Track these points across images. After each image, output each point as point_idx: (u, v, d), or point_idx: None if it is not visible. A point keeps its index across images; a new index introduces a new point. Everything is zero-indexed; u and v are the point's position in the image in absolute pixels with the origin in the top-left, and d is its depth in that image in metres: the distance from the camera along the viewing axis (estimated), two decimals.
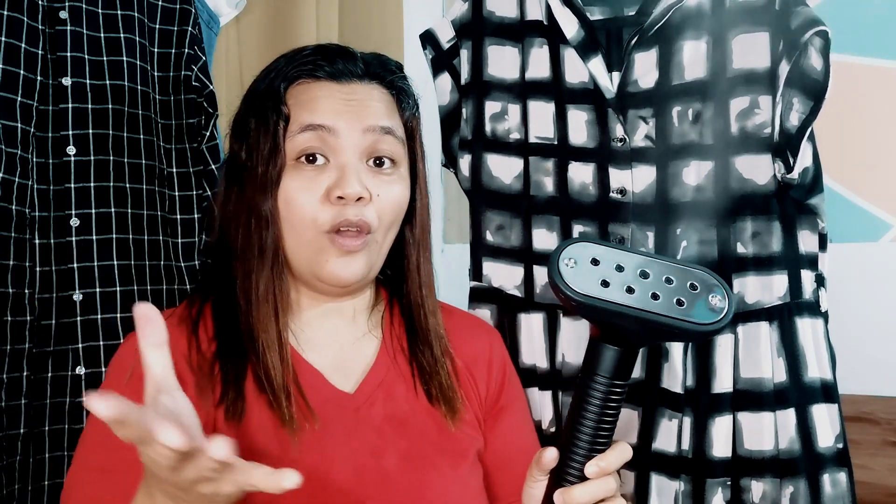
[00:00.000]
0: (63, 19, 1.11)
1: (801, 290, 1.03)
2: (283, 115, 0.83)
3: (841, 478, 1.02)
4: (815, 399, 1.02)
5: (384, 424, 0.85)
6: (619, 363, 0.66)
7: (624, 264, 0.64)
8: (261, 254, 0.83)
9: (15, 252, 1.05)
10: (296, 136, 0.82)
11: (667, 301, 0.63)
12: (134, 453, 0.60)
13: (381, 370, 0.88)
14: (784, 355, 1.02)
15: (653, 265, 0.65)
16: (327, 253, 0.83)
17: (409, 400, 0.87)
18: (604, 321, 0.65)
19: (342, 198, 0.81)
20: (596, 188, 1.09)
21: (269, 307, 0.83)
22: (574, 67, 1.09)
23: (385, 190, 0.84)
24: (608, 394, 0.67)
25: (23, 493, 1.04)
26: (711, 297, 0.64)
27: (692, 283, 0.64)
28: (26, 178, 1.07)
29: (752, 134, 1.02)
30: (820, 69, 0.98)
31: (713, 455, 1.02)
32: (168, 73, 1.21)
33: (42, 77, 1.09)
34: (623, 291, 0.63)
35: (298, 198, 0.82)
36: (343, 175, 0.82)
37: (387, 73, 0.88)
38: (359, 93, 0.85)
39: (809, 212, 1.03)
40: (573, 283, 0.63)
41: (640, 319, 0.63)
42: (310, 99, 0.84)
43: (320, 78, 0.85)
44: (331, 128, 0.82)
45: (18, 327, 1.04)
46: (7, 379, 1.03)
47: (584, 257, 0.65)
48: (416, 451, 0.85)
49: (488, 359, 0.95)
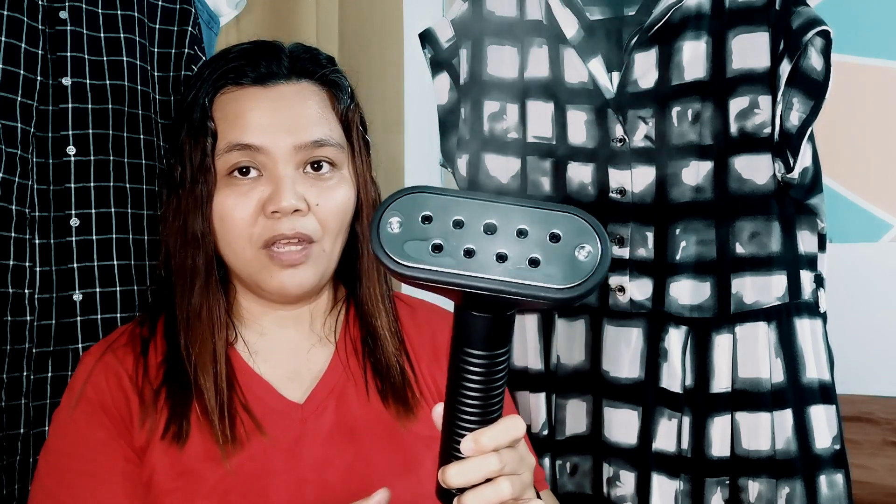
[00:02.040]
0: (63, 19, 1.11)
1: (800, 290, 1.03)
2: (211, 132, 0.80)
3: (838, 479, 1.02)
4: (813, 400, 1.02)
5: (333, 433, 0.83)
6: (486, 332, 0.56)
7: (465, 219, 0.52)
8: (192, 274, 0.82)
9: (15, 252, 1.05)
10: (223, 154, 0.80)
11: (515, 262, 0.51)
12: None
13: (332, 376, 0.86)
14: (782, 356, 1.02)
15: (504, 216, 0.52)
16: (269, 269, 0.81)
17: (362, 404, 0.85)
18: (448, 293, 0.54)
19: (277, 211, 0.79)
20: (595, 188, 1.09)
21: (204, 326, 0.82)
22: (573, 67, 1.09)
23: (326, 197, 0.82)
24: (480, 366, 0.57)
25: (23, 493, 1.04)
26: (578, 250, 0.51)
27: (553, 234, 0.51)
28: (26, 178, 1.07)
29: (751, 134, 1.02)
30: (820, 69, 0.98)
31: (712, 454, 1.02)
32: (168, 73, 1.21)
33: (42, 77, 1.09)
34: (459, 256, 0.51)
35: (233, 214, 0.80)
36: (277, 188, 0.79)
37: (317, 68, 0.85)
38: (287, 96, 0.82)
39: (809, 212, 1.03)
40: (396, 249, 0.51)
41: (483, 290, 0.51)
42: (236, 114, 0.81)
43: (244, 84, 0.82)
44: (259, 147, 0.80)
45: (18, 327, 1.04)
46: (7, 379, 1.03)
47: (415, 214, 0.52)
48: (363, 460, 0.83)
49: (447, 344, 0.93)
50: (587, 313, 1.10)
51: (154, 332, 0.86)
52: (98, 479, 0.79)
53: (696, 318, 1.04)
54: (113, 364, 0.84)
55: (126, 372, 0.83)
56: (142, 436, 0.81)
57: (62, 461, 0.80)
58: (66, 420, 0.82)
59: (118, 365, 0.84)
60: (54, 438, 0.82)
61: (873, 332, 1.45)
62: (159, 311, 0.87)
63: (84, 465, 0.80)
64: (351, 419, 0.84)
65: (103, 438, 0.80)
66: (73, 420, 0.81)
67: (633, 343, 1.07)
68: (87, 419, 0.81)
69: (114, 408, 0.81)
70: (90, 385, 0.83)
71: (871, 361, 1.49)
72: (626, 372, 1.07)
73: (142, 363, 0.84)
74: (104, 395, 0.82)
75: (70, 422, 0.82)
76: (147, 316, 0.89)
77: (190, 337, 0.82)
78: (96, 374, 0.83)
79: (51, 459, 0.81)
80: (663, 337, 1.05)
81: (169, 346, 0.84)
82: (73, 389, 0.84)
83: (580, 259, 0.51)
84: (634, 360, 1.07)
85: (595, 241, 0.51)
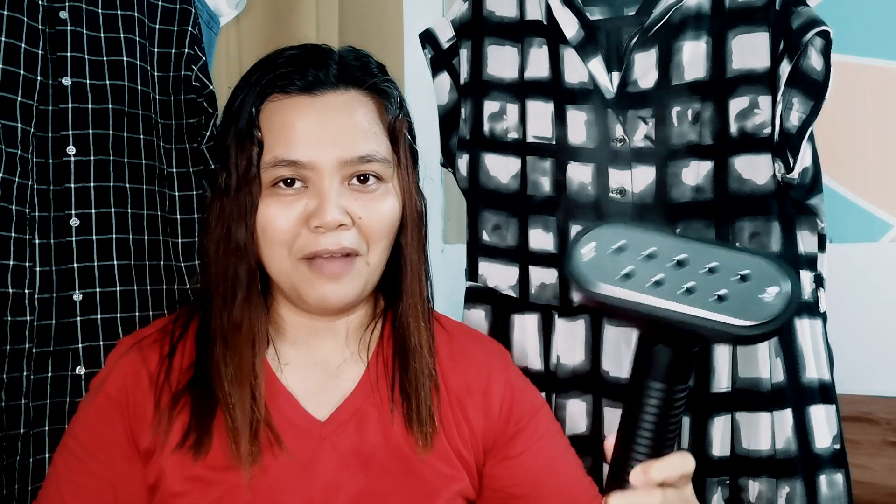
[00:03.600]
0: (63, 19, 1.11)
1: (801, 290, 1.03)
2: (258, 141, 0.79)
3: (838, 479, 1.02)
4: (813, 400, 1.02)
5: (349, 457, 0.82)
6: (668, 366, 0.56)
7: (658, 252, 0.54)
8: (234, 284, 0.80)
9: (15, 252, 1.05)
10: (270, 168, 0.79)
11: (703, 296, 0.52)
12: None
13: (359, 397, 0.84)
14: (782, 355, 1.02)
15: (696, 253, 0.54)
16: (310, 280, 0.79)
17: (383, 430, 0.83)
18: (633, 320, 0.57)
19: (320, 226, 0.78)
20: (595, 188, 1.09)
21: (244, 340, 0.80)
22: (573, 67, 1.09)
23: (370, 211, 0.80)
24: (659, 399, 0.57)
25: (23, 493, 1.04)
26: (766, 291, 0.52)
27: (743, 274, 0.53)
28: (26, 178, 1.07)
29: (751, 134, 1.01)
30: (820, 69, 0.98)
31: (712, 454, 1.02)
32: (168, 73, 1.21)
33: (42, 77, 1.09)
34: (648, 285, 0.53)
35: (275, 224, 0.79)
36: (322, 202, 0.78)
37: (366, 77, 0.83)
38: (334, 107, 0.80)
39: (809, 212, 1.03)
40: (588, 275, 0.54)
41: (667, 319, 0.53)
42: (283, 125, 0.79)
43: (291, 93, 0.80)
44: (305, 163, 0.78)
45: (18, 327, 1.04)
46: (7, 379, 1.03)
47: (609, 244, 0.55)
48: (375, 490, 0.81)
49: (483, 388, 0.88)
50: (587, 313, 1.10)
51: (185, 334, 0.85)
52: (92, 473, 0.81)
53: None
54: (137, 361, 0.84)
55: (148, 372, 0.83)
56: (152, 438, 0.81)
57: (69, 443, 0.83)
58: (83, 407, 0.85)
59: (142, 364, 0.84)
60: (73, 421, 0.85)
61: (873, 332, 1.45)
62: (195, 312, 0.86)
63: (84, 455, 0.82)
64: (369, 445, 0.83)
65: (108, 435, 0.81)
66: (87, 409, 0.84)
67: (634, 343, 1.07)
68: (99, 412, 0.83)
69: (128, 406, 0.82)
70: (111, 379, 0.84)
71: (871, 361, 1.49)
72: (626, 372, 1.07)
73: (166, 365, 0.83)
74: (121, 392, 0.82)
75: (85, 410, 0.84)
76: (184, 314, 0.87)
77: (227, 349, 0.80)
78: (119, 368, 0.84)
79: (65, 440, 0.84)
80: None
81: (199, 353, 0.83)
82: (98, 378, 0.85)
83: (767, 300, 0.52)
84: None
85: (785, 283, 0.52)
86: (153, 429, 0.80)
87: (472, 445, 0.86)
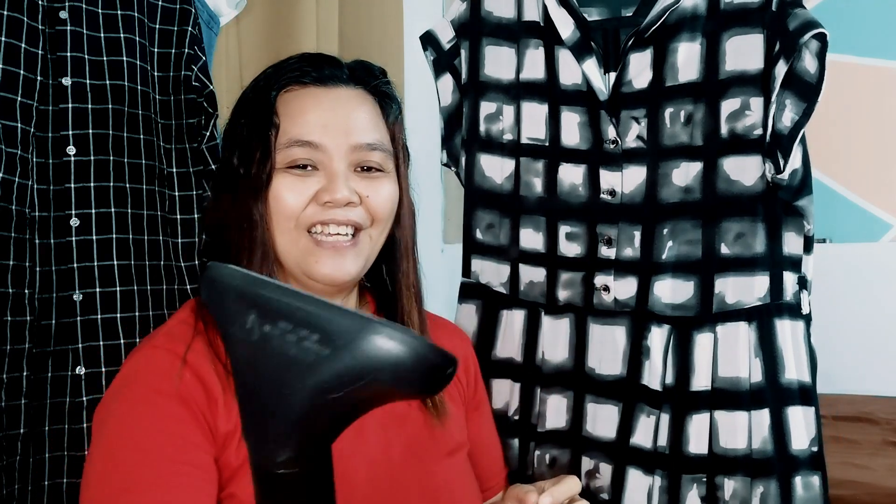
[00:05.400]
0: (63, 19, 1.11)
1: (783, 291, 1.03)
2: (274, 124, 0.85)
3: (814, 481, 1.02)
4: (792, 401, 1.02)
5: (386, 419, 0.87)
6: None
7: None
8: (251, 253, 0.84)
9: (15, 252, 1.05)
10: (285, 149, 0.84)
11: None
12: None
13: None
14: (762, 356, 1.02)
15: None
16: (315, 255, 0.84)
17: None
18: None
19: (331, 202, 0.83)
20: (586, 189, 1.09)
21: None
22: (568, 69, 1.09)
23: (375, 191, 0.86)
24: None
25: (23, 493, 1.04)
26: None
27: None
28: (26, 178, 1.07)
29: (741, 135, 1.01)
30: (814, 72, 0.98)
31: (689, 451, 1.03)
32: (168, 73, 1.21)
33: (42, 77, 1.09)
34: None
35: (287, 196, 0.84)
36: (332, 180, 0.84)
37: (370, 78, 0.91)
38: (344, 99, 0.87)
39: (796, 214, 1.03)
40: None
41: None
42: (299, 111, 0.86)
43: (307, 84, 0.87)
44: (318, 144, 0.84)
45: (18, 327, 1.05)
46: (7, 379, 1.03)
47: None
48: (417, 443, 0.89)
49: (465, 358, 1.00)
50: (572, 312, 1.11)
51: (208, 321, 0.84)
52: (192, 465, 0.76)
53: (678, 317, 1.04)
54: (183, 352, 0.80)
55: (207, 359, 0.80)
56: (228, 424, 0.78)
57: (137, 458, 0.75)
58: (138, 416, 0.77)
59: (197, 354, 0.80)
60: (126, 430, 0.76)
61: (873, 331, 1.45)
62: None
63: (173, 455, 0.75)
64: (398, 408, 0.89)
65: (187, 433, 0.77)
66: (148, 417, 0.77)
67: (617, 341, 1.07)
68: (167, 414, 0.77)
69: (193, 399, 0.78)
70: (161, 377, 0.78)
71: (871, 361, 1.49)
72: (609, 369, 1.08)
73: (212, 351, 0.81)
74: (182, 389, 0.78)
75: (143, 419, 0.77)
76: (199, 302, 0.86)
77: None
78: (166, 364, 0.79)
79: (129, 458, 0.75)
80: (646, 335, 1.05)
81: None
82: (134, 380, 0.79)
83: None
84: (617, 358, 1.07)
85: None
86: (225, 412, 0.78)
87: (463, 406, 0.98)
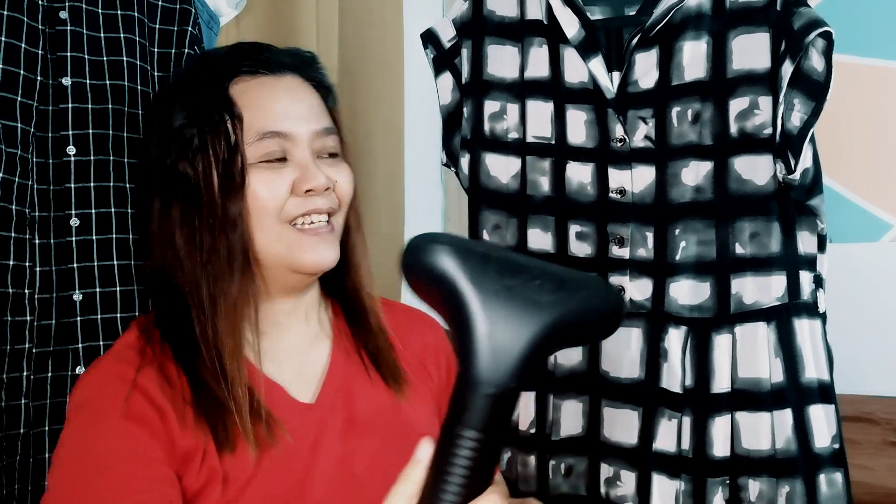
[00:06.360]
0: (63, 19, 1.10)
1: (800, 290, 1.03)
2: (238, 117, 0.81)
3: (837, 478, 1.02)
4: (812, 400, 1.02)
5: (348, 429, 0.85)
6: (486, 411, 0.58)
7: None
8: (230, 256, 0.80)
9: (15, 252, 1.05)
10: (256, 142, 0.81)
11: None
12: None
13: (337, 372, 0.88)
14: (781, 356, 1.02)
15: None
16: (303, 244, 0.82)
17: (368, 394, 0.87)
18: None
19: (311, 190, 0.82)
20: (595, 188, 1.09)
21: (237, 317, 0.80)
22: (574, 67, 1.09)
23: (341, 174, 0.86)
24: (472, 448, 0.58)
25: (23, 493, 1.04)
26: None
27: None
28: (26, 178, 1.06)
29: (751, 134, 1.02)
30: (821, 70, 0.98)
31: (713, 454, 1.02)
32: (168, 74, 1.21)
33: (42, 77, 1.09)
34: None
35: (267, 193, 0.81)
36: (307, 169, 0.82)
37: (307, 65, 0.88)
38: (294, 87, 0.85)
39: (809, 213, 1.03)
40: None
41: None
42: (259, 101, 0.83)
43: (258, 74, 0.84)
44: (287, 133, 0.82)
45: (18, 327, 1.04)
46: (7, 379, 1.03)
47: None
48: (382, 449, 0.85)
49: (435, 349, 0.97)
50: None
51: (160, 341, 0.83)
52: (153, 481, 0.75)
53: (695, 318, 1.04)
54: (133, 375, 0.79)
55: (155, 383, 0.79)
56: (185, 441, 0.77)
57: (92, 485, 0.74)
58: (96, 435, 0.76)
59: (144, 378, 0.79)
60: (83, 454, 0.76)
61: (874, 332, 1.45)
62: (161, 318, 0.84)
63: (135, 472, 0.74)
64: (362, 412, 0.86)
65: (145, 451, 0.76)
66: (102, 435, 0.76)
67: (633, 343, 1.07)
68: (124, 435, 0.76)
69: (149, 418, 0.77)
70: (112, 399, 0.77)
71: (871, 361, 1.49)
72: (626, 372, 1.07)
73: (163, 374, 0.80)
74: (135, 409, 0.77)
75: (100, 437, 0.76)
76: (146, 323, 0.85)
77: (222, 328, 0.80)
78: (117, 386, 0.78)
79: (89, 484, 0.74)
80: (663, 337, 1.05)
81: (187, 354, 0.81)
82: (84, 406, 0.79)
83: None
84: (634, 361, 1.07)
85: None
86: (183, 434, 0.77)
87: (437, 397, 0.94)
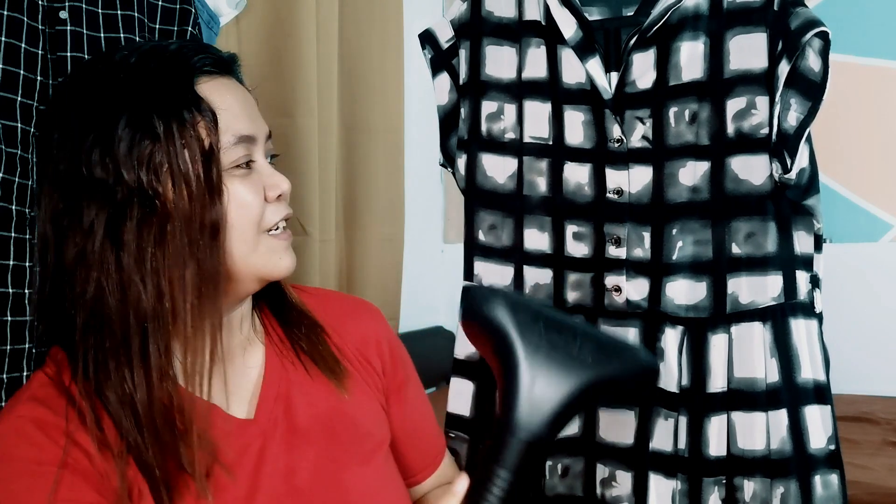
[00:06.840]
0: (63, 19, 1.11)
1: (796, 290, 1.03)
2: (213, 116, 0.75)
3: (833, 479, 1.02)
4: (808, 400, 1.02)
5: (291, 438, 0.82)
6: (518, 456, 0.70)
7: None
8: (205, 277, 0.74)
9: (15, 252, 1.05)
10: (231, 147, 0.76)
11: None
12: None
13: (274, 380, 0.85)
14: (777, 356, 1.02)
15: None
16: (278, 251, 0.80)
17: (308, 398, 0.85)
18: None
19: (282, 195, 0.81)
20: (592, 189, 1.09)
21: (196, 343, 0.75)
22: (571, 68, 1.09)
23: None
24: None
25: None
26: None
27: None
28: (26, 178, 1.07)
29: (748, 134, 1.02)
30: (818, 70, 0.98)
31: (708, 454, 1.02)
32: None
33: (42, 77, 1.09)
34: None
35: (250, 200, 0.77)
36: (272, 174, 0.81)
37: (237, 67, 0.83)
38: (242, 88, 0.82)
39: (805, 212, 1.03)
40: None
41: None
42: (226, 102, 0.77)
43: (215, 74, 0.79)
44: (254, 137, 0.79)
45: (18, 327, 1.05)
46: (7, 379, 1.03)
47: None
48: (326, 456, 0.83)
49: (376, 338, 0.93)
50: (582, 314, 1.10)
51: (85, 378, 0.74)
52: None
53: (691, 318, 1.04)
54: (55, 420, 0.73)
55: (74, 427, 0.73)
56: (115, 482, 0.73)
57: None
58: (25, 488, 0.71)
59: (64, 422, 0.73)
60: None
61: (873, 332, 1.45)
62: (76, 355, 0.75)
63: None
64: (303, 418, 0.84)
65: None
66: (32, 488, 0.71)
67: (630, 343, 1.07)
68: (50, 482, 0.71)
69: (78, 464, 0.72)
70: (37, 447, 0.72)
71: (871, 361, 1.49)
72: None
73: (86, 415, 0.73)
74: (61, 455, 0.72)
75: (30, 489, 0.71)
76: (58, 361, 0.78)
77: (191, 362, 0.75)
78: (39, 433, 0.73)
79: None
80: (659, 337, 1.05)
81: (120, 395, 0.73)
82: (8, 458, 0.72)
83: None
84: None
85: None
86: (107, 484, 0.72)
87: (381, 391, 0.92)
